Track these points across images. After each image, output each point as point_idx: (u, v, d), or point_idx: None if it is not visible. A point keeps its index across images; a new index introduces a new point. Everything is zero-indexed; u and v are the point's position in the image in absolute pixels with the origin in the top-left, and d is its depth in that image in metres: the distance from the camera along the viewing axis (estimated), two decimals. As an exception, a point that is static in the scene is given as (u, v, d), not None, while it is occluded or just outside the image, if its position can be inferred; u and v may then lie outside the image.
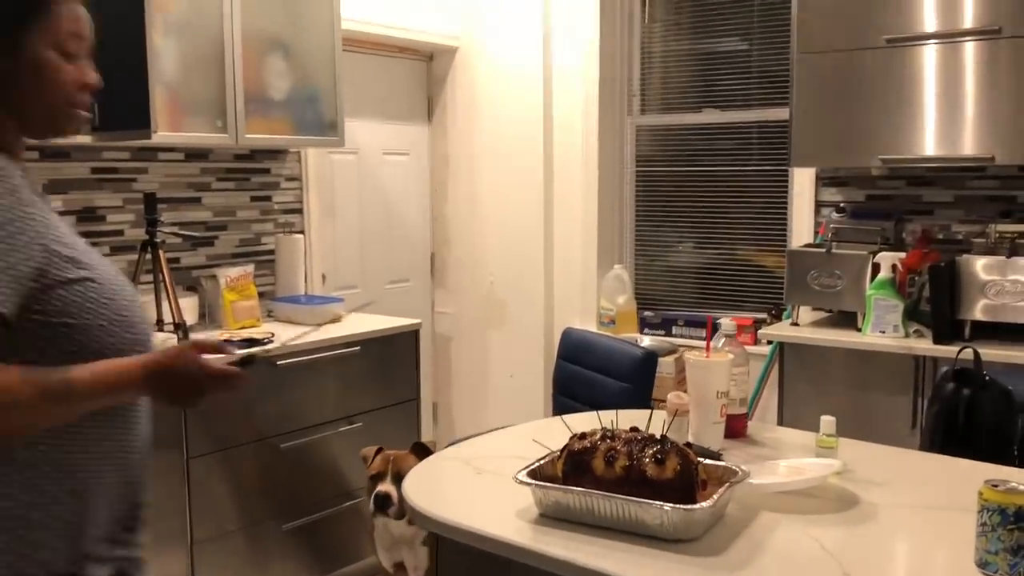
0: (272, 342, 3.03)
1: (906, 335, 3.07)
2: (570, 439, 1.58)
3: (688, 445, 1.56)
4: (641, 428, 1.57)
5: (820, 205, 3.74)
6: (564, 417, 2.02)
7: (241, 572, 3.01)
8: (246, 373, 1.41)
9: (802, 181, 3.78)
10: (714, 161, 4.16)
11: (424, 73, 4.62)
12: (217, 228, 3.60)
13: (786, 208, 3.91)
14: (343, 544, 3.37)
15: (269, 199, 3.79)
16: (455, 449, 2.00)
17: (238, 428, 2.97)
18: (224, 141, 3.19)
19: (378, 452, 2.85)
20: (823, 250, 3.31)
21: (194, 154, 3.50)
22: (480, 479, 1.78)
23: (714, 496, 1.46)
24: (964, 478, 1.72)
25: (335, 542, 3.34)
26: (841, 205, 3.65)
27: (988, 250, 3.06)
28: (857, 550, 1.43)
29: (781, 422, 3.26)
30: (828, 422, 1.84)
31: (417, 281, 4.68)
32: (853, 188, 3.67)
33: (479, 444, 2.02)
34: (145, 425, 1.45)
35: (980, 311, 2.98)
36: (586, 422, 1.78)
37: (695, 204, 4.24)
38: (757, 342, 3.70)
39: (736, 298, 4.14)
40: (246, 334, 3.13)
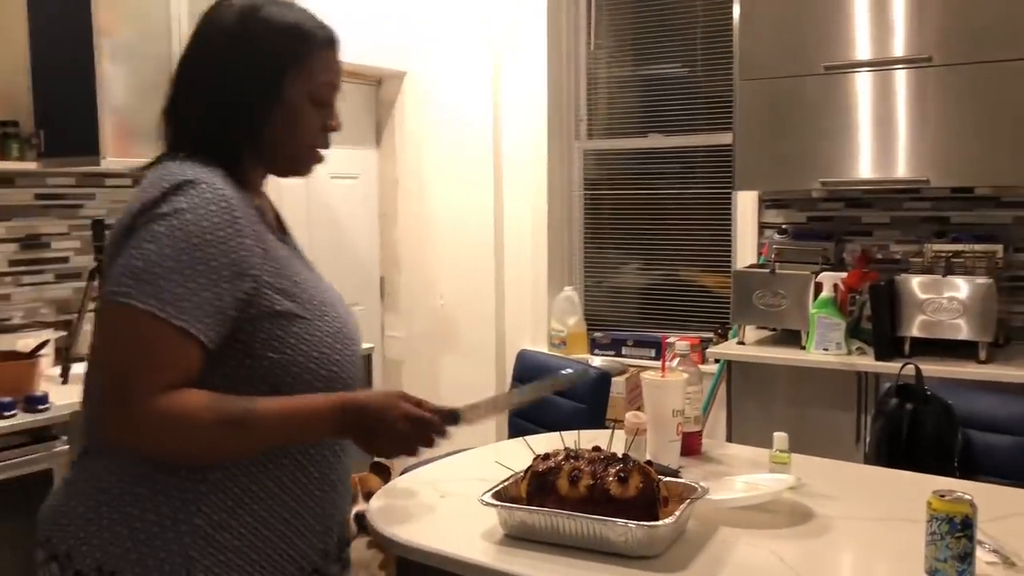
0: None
1: (849, 352, 3.17)
2: (534, 460, 1.60)
3: (648, 463, 1.59)
4: (603, 447, 1.60)
5: (763, 227, 3.85)
6: (526, 438, 2.04)
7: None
8: (447, 429, 1.38)
9: (745, 204, 3.87)
10: (660, 184, 4.25)
11: (373, 97, 4.63)
12: (165, 254, 3.55)
13: (730, 230, 4.00)
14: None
15: (217, 224, 3.75)
16: (415, 473, 2.01)
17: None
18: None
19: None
20: (767, 271, 3.40)
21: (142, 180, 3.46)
22: (444, 502, 1.80)
23: (676, 513, 1.50)
24: (910, 490, 1.79)
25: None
26: (783, 227, 3.75)
27: (924, 269, 3.18)
28: (814, 562, 1.47)
29: (730, 439, 3.32)
30: (781, 438, 1.90)
31: (367, 305, 4.67)
32: (794, 210, 3.78)
33: (440, 467, 2.04)
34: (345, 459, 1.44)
35: (918, 328, 3.08)
36: (548, 443, 1.80)
37: (642, 226, 4.32)
38: (704, 361, 3.77)
39: (683, 318, 4.22)
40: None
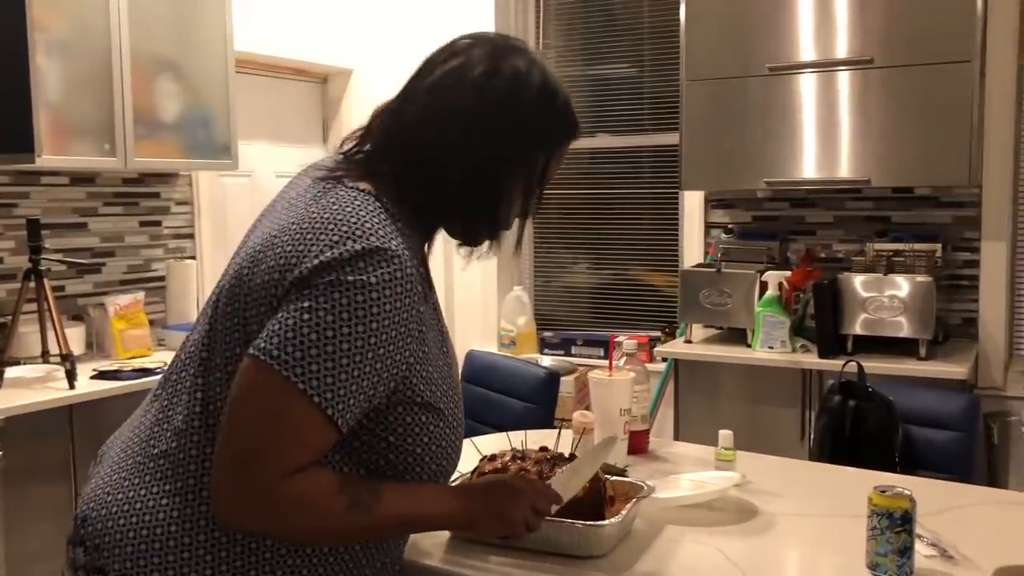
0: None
1: (793, 350, 3.21)
2: (480, 461, 1.59)
3: (595, 463, 1.59)
4: (550, 447, 1.60)
5: (709, 226, 3.88)
6: (474, 439, 2.03)
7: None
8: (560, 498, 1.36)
9: (692, 203, 3.91)
10: (608, 184, 4.27)
11: (319, 95, 4.58)
12: (104, 254, 3.48)
13: (677, 229, 4.03)
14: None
15: (159, 224, 3.68)
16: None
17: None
18: (112, 165, 3.10)
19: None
20: (713, 270, 3.43)
21: (80, 178, 3.38)
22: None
23: (622, 512, 1.50)
24: (852, 486, 1.81)
25: None
26: (729, 226, 3.80)
27: (867, 268, 3.23)
28: (758, 558, 1.48)
29: (677, 437, 3.35)
30: (726, 436, 1.91)
31: (314, 305, 4.61)
32: (740, 210, 3.82)
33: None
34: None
35: (861, 326, 3.14)
36: (496, 443, 1.79)
37: (591, 226, 4.33)
38: (652, 359, 3.79)
39: (631, 317, 4.24)
40: (137, 364, 3.04)
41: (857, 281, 3.14)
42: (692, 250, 3.90)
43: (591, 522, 1.45)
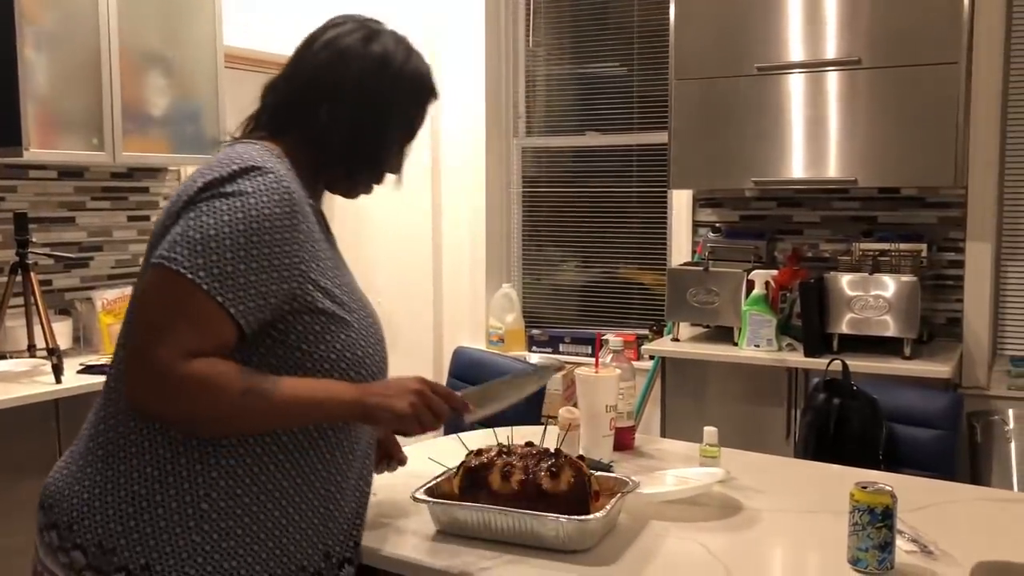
0: None
1: (779, 348, 3.23)
2: (467, 456, 1.60)
3: (581, 458, 1.60)
4: (536, 443, 1.60)
5: (697, 225, 3.90)
6: (460, 435, 2.04)
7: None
8: (470, 407, 1.42)
9: (680, 202, 3.92)
10: (597, 183, 4.28)
11: (308, 92, 4.57)
12: (92, 249, 3.47)
13: (665, 228, 4.05)
14: None
15: (147, 219, 3.67)
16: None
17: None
18: (100, 159, 3.09)
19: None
20: (701, 268, 3.44)
21: (68, 172, 3.37)
22: (374, 500, 1.78)
23: (607, 507, 1.51)
24: (835, 483, 1.83)
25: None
26: (717, 225, 3.81)
27: (853, 267, 3.26)
28: (741, 554, 1.50)
29: (664, 434, 3.36)
30: (711, 433, 1.92)
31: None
32: (727, 209, 3.83)
33: (373, 464, 2.02)
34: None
35: (846, 325, 3.16)
36: (482, 439, 1.80)
37: (580, 224, 4.34)
38: (640, 357, 3.81)
39: (619, 315, 4.25)
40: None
41: (843, 280, 3.16)
42: (680, 249, 3.92)
43: (575, 516, 1.46)
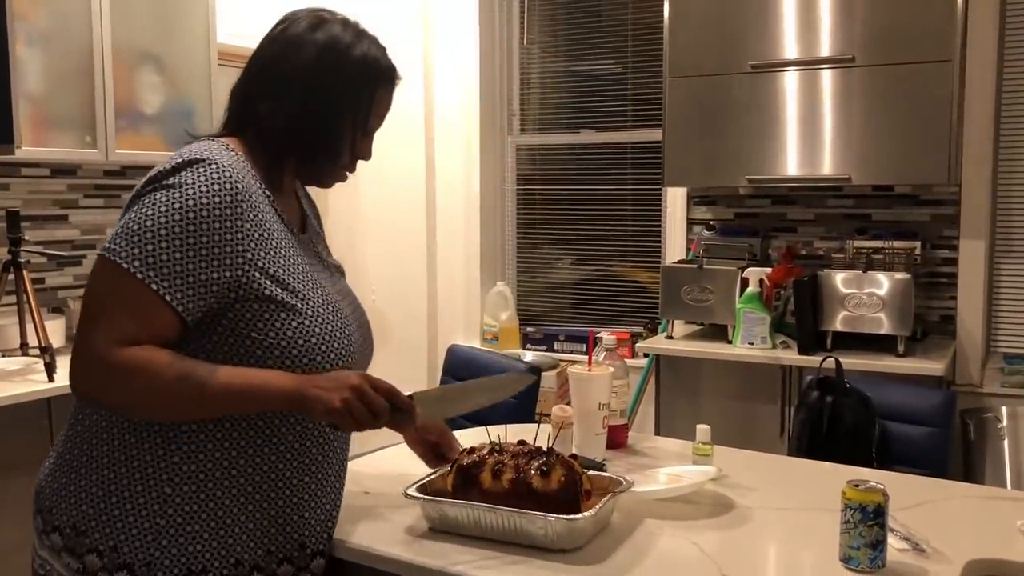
0: None
1: (773, 346, 3.23)
2: (460, 453, 1.59)
3: (573, 456, 1.60)
4: (529, 441, 1.60)
5: (691, 223, 3.90)
6: (453, 433, 2.03)
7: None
8: (386, 414, 1.38)
9: (674, 200, 3.92)
10: (591, 180, 4.28)
11: (303, 89, 4.56)
12: (85, 247, 3.46)
13: (660, 226, 4.05)
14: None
15: (141, 216, 3.66)
16: (341, 468, 1.98)
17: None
18: (93, 157, 3.08)
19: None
20: (695, 266, 3.44)
21: (61, 170, 3.36)
22: (368, 498, 1.78)
23: (596, 506, 1.50)
24: (828, 480, 1.83)
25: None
26: (711, 223, 3.81)
27: (846, 265, 3.26)
28: (734, 552, 1.50)
29: (658, 432, 3.36)
30: (703, 430, 1.92)
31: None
32: (722, 207, 3.83)
33: (365, 462, 2.01)
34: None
35: (840, 322, 3.16)
36: (475, 437, 1.80)
37: (574, 222, 4.34)
38: (634, 355, 3.81)
39: (613, 313, 4.25)
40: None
41: (837, 278, 3.16)
42: (674, 246, 3.92)
43: (563, 515, 1.46)
